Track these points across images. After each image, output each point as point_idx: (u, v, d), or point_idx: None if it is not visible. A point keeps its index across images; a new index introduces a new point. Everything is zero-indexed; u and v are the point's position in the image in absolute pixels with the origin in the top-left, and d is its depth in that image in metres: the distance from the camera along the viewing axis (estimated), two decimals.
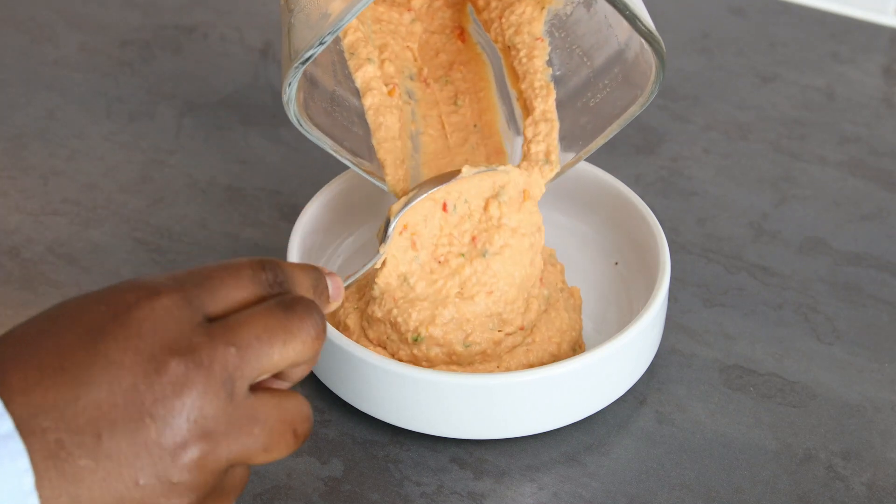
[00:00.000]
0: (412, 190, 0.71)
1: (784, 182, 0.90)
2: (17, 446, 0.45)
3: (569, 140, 0.74)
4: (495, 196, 0.71)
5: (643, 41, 0.67)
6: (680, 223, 0.86)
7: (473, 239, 0.72)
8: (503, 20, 0.73)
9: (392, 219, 0.70)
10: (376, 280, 0.71)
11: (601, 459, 0.71)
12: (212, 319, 0.49)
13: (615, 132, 0.73)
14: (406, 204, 0.70)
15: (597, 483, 0.70)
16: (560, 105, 0.73)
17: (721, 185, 0.90)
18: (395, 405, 0.70)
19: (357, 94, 0.72)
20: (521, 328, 0.72)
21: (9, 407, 0.46)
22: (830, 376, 0.76)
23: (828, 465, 0.71)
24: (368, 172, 0.73)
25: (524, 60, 0.72)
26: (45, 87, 0.98)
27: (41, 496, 0.45)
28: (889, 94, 0.98)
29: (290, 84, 0.65)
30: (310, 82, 0.70)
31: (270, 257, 0.53)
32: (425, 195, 0.70)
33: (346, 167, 0.81)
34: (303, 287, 0.53)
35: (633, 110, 0.71)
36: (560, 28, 0.73)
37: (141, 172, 0.90)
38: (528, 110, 0.72)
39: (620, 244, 0.80)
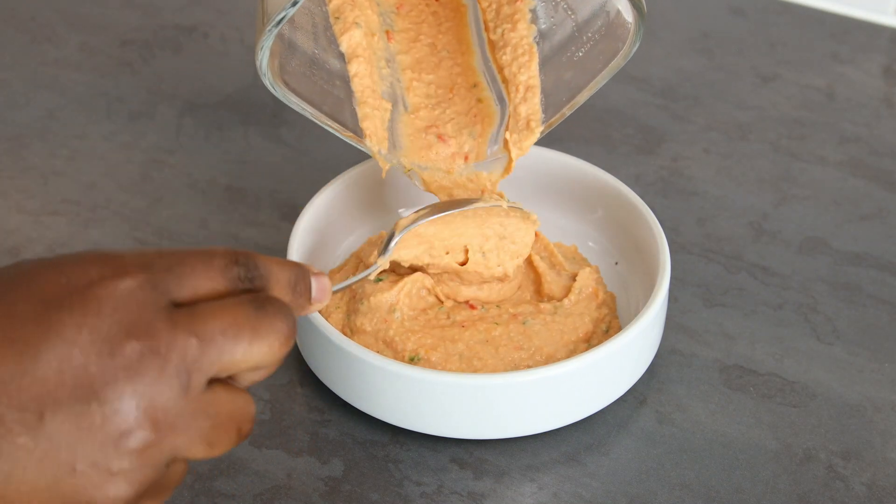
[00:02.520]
0: (423, 210, 0.71)
1: (784, 182, 0.90)
2: None
3: (553, 96, 0.73)
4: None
5: None
6: (680, 223, 0.86)
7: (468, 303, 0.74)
8: None
9: (397, 232, 0.69)
10: (369, 297, 0.72)
11: (601, 459, 0.71)
12: (177, 306, 0.47)
13: (599, 86, 0.72)
14: (415, 221, 0.70)
15: (597, 483, 0.70)
16: (545, 60, 0.72)
17: (721, 185, 0.90)
18: (395, 405, 0.70)
19: (339, 56, 0.71)
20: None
21: None
22: (830, 376, 0.76)
23: (828, 465, 0.71)
24: (350, 137, 0.72)
25: (507, 30, 0.72)
26: (45, 87, 0.98)
27: None
28: (889, 94, 0.98)
29: (262, 48, 0.64)
30: (288, 46, 0.69)
31: (248, 251, 0.50)
32: (436, 216, 0.70)
33: (347, 168, 0.81)
34: (279, 285, 0.50)
35: (616, 63, 0.71)
36: None
37: (141, 172, 0.90)
38: (508, 80, 0.72)
39: (620, 244, 0.80)
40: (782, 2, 1.08)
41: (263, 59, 0.65)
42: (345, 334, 0.72)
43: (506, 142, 0.72)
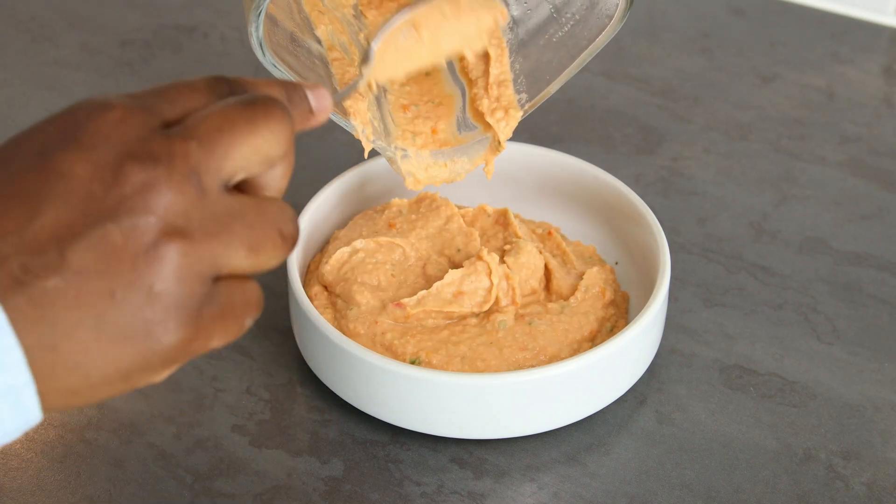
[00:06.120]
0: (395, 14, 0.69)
1: (784, 182, 0.90)
2: None
3: (534, 76, 0.73)
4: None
5: None
6: (680, 223, 0.86)
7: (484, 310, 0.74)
8: None
9: (372, 42, 0.67)
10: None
11: (601, 459, 0.71)
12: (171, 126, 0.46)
13: (584, 64, 0.71)
14: (385, 24, 0.68)
15: (597, 483, 0.70)
16: (520, 46, 0.72)
17: (721, 185, 0.90)
18: (395, 405, 0.70)
19: (317, 39, 0.71)
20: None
21: None
22: (830, 376, 0.76)
23: (828, 465, 0.71)
24: (337, 113, 0.71)
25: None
26: (45, 87, 0.98)
27: (16, 328, 0.42)
28: (889, 94, 0.98)
29: (258, 15, 0.63)
30: (270, 21, 0.67)
31: (235, 76, 0.49)
32: (406, 16, 0.68)
33: (347, 168, 0.81)
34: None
35: (601, 40, 0.69)
36: None
37: None
38: (473, 82, 0.73)
39: (620, 244, 0.80)
40: (782, 2, 1.08)
41: (259, 24, 0.63)
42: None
43: (488, 125, 0.73)
